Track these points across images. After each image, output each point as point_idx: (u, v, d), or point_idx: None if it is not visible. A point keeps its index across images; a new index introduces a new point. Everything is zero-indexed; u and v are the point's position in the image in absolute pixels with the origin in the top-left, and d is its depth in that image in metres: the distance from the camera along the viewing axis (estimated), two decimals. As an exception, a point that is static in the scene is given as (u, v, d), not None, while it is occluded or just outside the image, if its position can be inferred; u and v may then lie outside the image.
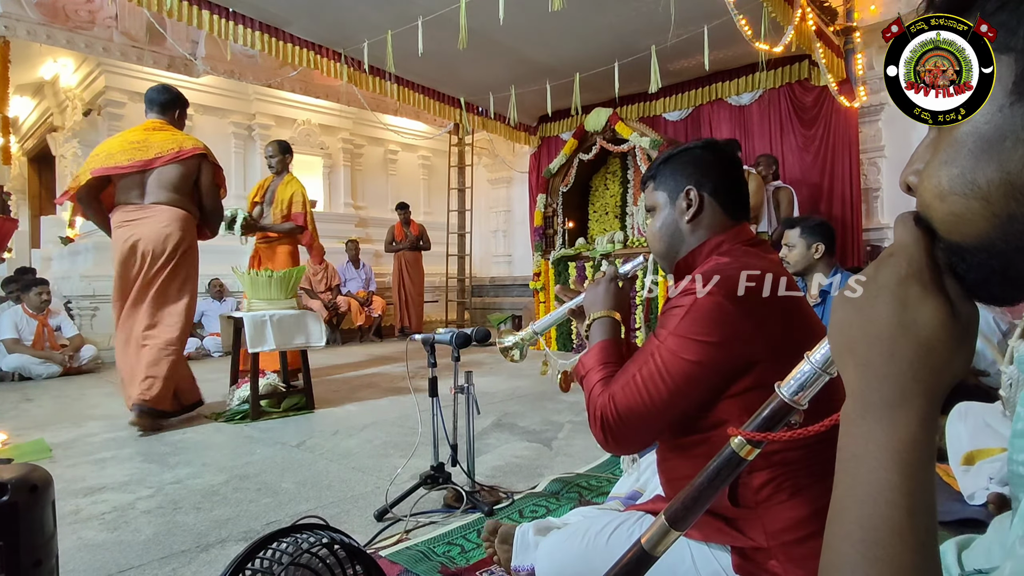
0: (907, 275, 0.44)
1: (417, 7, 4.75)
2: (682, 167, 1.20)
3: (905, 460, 0.42)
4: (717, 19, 4.68)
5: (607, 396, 1.08)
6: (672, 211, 1.21)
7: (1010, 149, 0.39)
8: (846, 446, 0.45)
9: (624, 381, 1.07)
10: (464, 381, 2.13)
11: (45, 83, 8.11)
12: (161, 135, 3.39)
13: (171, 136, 3.42)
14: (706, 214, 1.18)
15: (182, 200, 3.38)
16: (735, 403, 1.03)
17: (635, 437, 1.09)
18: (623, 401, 1.05)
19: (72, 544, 1.81)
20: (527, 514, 2.00)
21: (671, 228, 1.21)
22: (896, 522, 0.41)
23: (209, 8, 4.64)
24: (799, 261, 2.70)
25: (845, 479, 0.45)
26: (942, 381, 0.43)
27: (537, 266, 6.93)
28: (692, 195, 1.17)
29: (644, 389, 1.03)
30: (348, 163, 9.11)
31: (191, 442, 3.00)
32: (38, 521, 0.98)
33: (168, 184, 3.33)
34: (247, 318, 3.48)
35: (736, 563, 1.05)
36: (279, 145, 4.82)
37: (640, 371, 1.05)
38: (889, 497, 0.42)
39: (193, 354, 6.53)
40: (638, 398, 1.04)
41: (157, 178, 3.32)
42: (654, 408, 1.03)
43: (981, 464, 1.96)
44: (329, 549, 1.00)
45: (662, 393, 1.02)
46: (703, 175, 1.18)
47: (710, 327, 1.00)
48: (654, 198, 1.24)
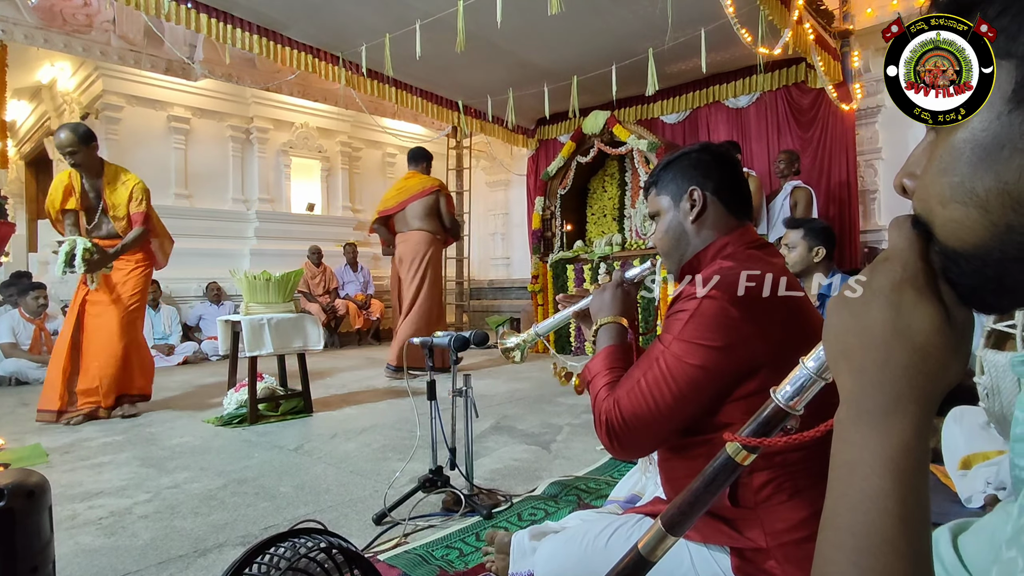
0: (902, 280, 0.43)
1: (415, 10, 4.76)
2: (683, 170, 1.21)
3: (898, 467, 0.41)
4: (714, 22, 4.70)
5: (612, 401, 1.08)
6: (676, 213, 1.21)
7: (1007, 158, 0.38)
8: (839, 452, 0.45)
9: (629, 386, 1.07)
10: (462, 384, 2.13)
11: (42, 87, 8.09)
12: (413, 181, 5.26)
13: (419, 181, 5.24)
14: (710, 213, 1.19)
15: (429, 224, 5.16)
16: (739, 406, 1.03)
17: (641, 442, 1.09)
18: (628, 407, 1.05)
19: (69, 549, 1.80)
20: (526, 517, 2.00)
21: (676, 230, 1.22)
22: (888, 530, 0.41)
23: (207, 12, 4.64)
24: (798, 263, 2.69)
25: (838, 486, 0.44)
26: (937, 387, 0.42)
27: (535, 269, 6.94)
28: (696, 195, 1.18)
29: (649, 395, 1.03)
30: (346, 166, 9.12)
31: (188, 446, 2.99)
32: (34, 527, 0.97)
33: (417, 215, 5.14)
34: (245, 322, 3.48)
35: (735, 564, 1.05)
36: (75, 133, 3.58)
37: (645, 376, 1.05)
38: (882, 505, 0.41)
39: (191, 358, 6.54)
40: (643, 403, 1.04)
41: (412, 211, 5.16)
42: (659, 414, 1.03)
43: (978, 468, 1.96)
44: (327, 553, 0.99)
45: (667, 399, 1.02)
46: (704, 176, 1.19)
47: (714, 332, 1.00)
48: (657, 203, 1.25)
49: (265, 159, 8.23)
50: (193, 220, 7.44)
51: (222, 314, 5.73)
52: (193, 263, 7.28)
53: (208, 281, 7.18)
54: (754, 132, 6.26)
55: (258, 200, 8.09)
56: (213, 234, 7.64)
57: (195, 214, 7.51)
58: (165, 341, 6.55)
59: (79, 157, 3.61)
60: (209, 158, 7.81)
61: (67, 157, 3.60)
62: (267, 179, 8.25)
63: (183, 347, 6.63)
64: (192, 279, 7.23)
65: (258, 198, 8.09)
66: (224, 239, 7.73)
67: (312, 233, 8.27)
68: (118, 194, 3.77)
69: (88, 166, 3.70)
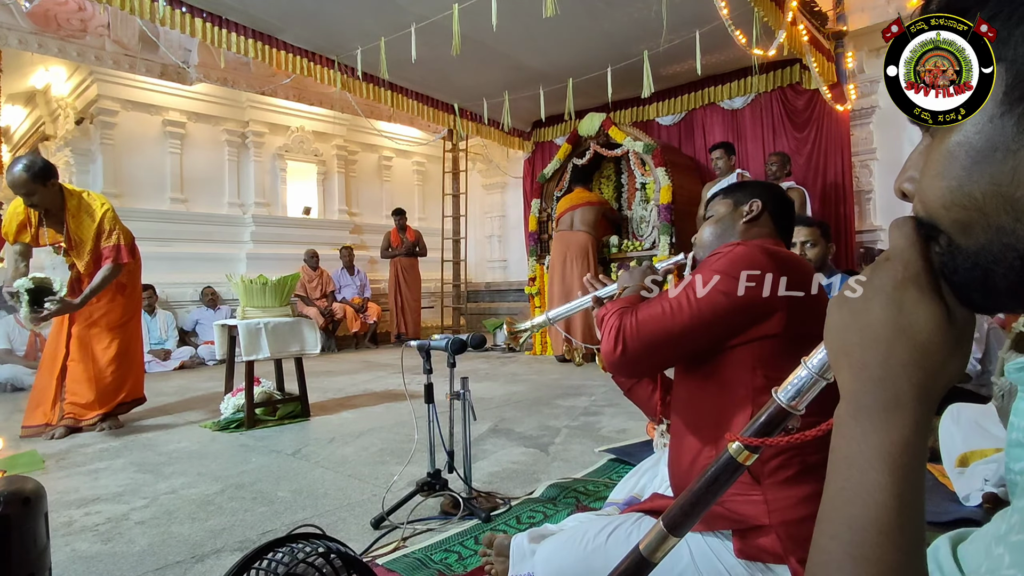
0: (903, 279, 0.44)
1: (410, 14, 4.76)
2: (753, 189, 1.39)
3: (897, 463, 0.42)
4: (709, 24, 4.71)
5: (631, 312, 1.18)
6: (733, 213, 1.37)
7: (1001, 161, 0.39)
8: (838, 447, 0.46)
9: (651, 304, 1.18)
10: (460, 387, 2.12)
11: (37, 92, 8.07)
12: (580, 195, 6.19)
13: (584, 194, 6.16)
14: (761, 222, 1.35)
15: (590, 228, 6.05)
16: (749, 350, 1.12)
17: (646, 354, 1.17)
18: (645, 317, 1.15)
19: (65, 556, 1.79)
20: (524, 520, 1.99)
21: (726, 224, 1.37)
22: (885, 524, 0.41)
23: (201, 16, 4.63)
24: (818, 259, 2.77)
25: (836, 480, 0.45)
26: (937, 384, 0.43)
27: (532, 271, 6.94)
28: (756, 206, 1.35)
29: (669, 310, 1.14)
30: (342, 170, 9.11)
31: (186, 451, 2.98)
32: (30, 534, 0.97)
33: (582, 221, 6.04)
34: (241, 326, 3.47)
35: (737, 547, 1.07)
36: (28, 173, 3.12)
37: (667, 297, 1.16)
38: (879, 499, 0.42)
39: (187, 363, 6.51)
40: (661, 315, 1.14)
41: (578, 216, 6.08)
42: (673, 330, 1.13)
43: (975, 465, 1.97)
44: (325, 558, 0.99)
45: (684, 316, 1.12)
46: (769, 198, 1.37)
47: (743, 267, 1.12)
48: (719, 205, 1.40)
49: (261, 163, 8.22)
50: (189, 224, 7.43)
51: (218, 319, 5.70)
52: (189, 267, 7.26)
53: (204, 285, 7.16)
54: (749, 133, 6.29)
55: (254, 204, 8.07)
56: (209, 238, 7.62)
57: (191, 218, 7.49)
58: (161, 346, 6.52)
59: (36, 199, 3.20)
60: (205, 162, 7.79)
61: (23, 198, 3.20)
62: (263, 183, 8.24)
63: (179, 352, 6.61)
64: (188, 284, 7.21)
65: (254, 202, 8.08)
66: (220, 243, 7.71)
67: (308, 237, 8.26)
68: (84, 229, 3.36)
69: (48, 204, 3.28)
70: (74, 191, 3.41)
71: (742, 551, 1.06)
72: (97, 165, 7.01)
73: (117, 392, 3.53)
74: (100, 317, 3.51)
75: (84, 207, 3.38)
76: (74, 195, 3.38)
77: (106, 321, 3.52)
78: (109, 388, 3.49)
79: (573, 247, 5.98)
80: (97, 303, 3.49)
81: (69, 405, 3.41)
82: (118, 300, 3.57)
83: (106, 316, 3.52)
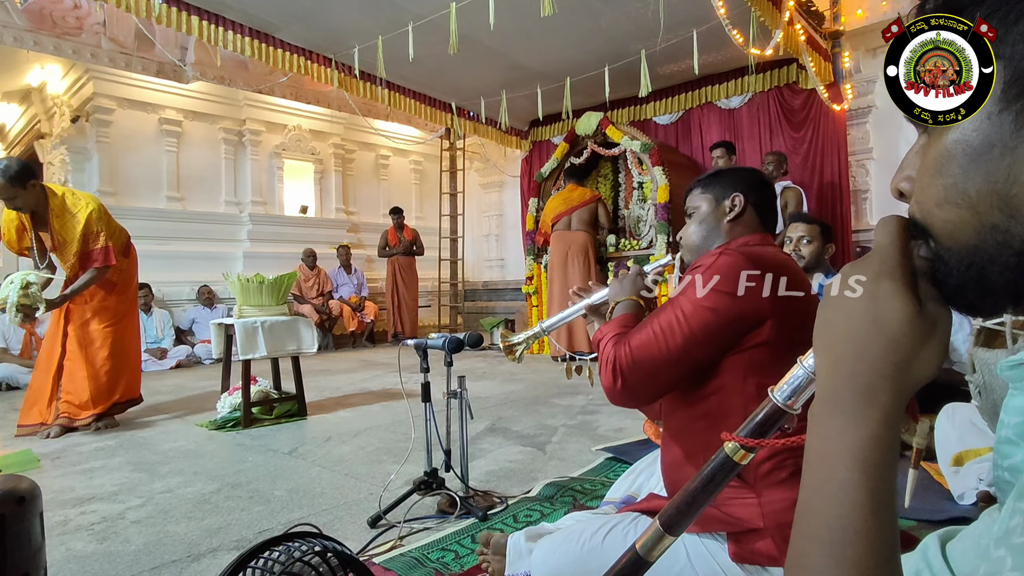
0: (880, 272, 0.44)
1: (408, 13, 4.76)
2: (731, 180, 1.34)
3: (867, 459, 0.42)
4: (706, 23, 4.72)
5: (624, 342, 1.15)
6: (715, 211, 1.33)
7: (997, 158, 0.39)
8: (812, 445, 0.46)
9: (641, 329, 1.15)
10: (457, 386, 2.12)
11: (32, 90, 8.03)
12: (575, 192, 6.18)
13: (579, 192, 6.19)
14: (746, 218, 1.31)
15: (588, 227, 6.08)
16: (743, 359, 1.10)
17: (645, 385, 1.14)
18: (638, 345, 1.12)
19: (61, 556, 1.78)
20: (521, 519, 1.99)
21: (710, 224, 1.33)
22: (860, 522, 0.42)
23: (198, 14, 4.61)
24: (812, 257, 2.75)
25: (811, 479, 0.45)
26: (907, 378, 0.43)
27: (530, 270, 6.94)
28: (738, 200, 1.30)
29: (661, 335, 1.11)
30: (339, 168, 9.09)
31: (182, 451, 2.97)
32: (25, 533, 0.96)
33: (579, 220, 6.06)
34: (238, 325, 3.46)
35: (732, 551, 1.07)
36: (4, 176, 3.09)
37: (658, 319, 1.13)
38: (853, 497, 0.42)
39: (184, 362, 6.50)
40: (654, 342, 1.11)
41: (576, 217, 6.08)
42: (668, 355, 1.10)
43: (970, 464, 1.97)
44: (322, 557, 0.99)
45: (677, 339, 1.10)
46: (748, 188, 1.32)
47: (728, 280, 1.09)
48: (698, 200, 1.35)
49: (258, 161, 8.20)
50: (185, 223, 7.40)
51: (215, 317, 5.68)
52: (186, 266, 7.24)
53: (201, 284, 7.14)
54: (746, 132, 6.29)
55: (251, 203, 8.04)
56: (206, 237, 7.60)
57: (187, 217, 7.47)
58: (158, 345, 6.50)
59: (17, 202, 3.18)
60: (201, 161, 7.77)
61: (5, 202, 3.18)
62: (260, 182, 8.21)
63: (176, 351, 6.59)
64: (185, 282, 7.19)
65: (251, 201, 8.05)
66: (217, 242, 7.69)
67: (306, 235, 8.24)
68: (68, 229, 3.31)
69: (32, 206, 3.27)
70: (57, 191, 3.37)
71: (737, 555, 1.05)
72: (93, 163, 6.98)
73: (112, 391, 3.51)
74: (94, 316, 3.51)
75: (68, 207, 3.34)
76: (57, 195, 3.34)
77: (100, 320, 3.52)
78: (104, 387, 3.47)
79: (573, 247, 6.02)
80: (91, 302, 3.49)
81: (64, 404, 3.40)
82: (112, 299, 3.57)
83: (100, 315, 3.52)
